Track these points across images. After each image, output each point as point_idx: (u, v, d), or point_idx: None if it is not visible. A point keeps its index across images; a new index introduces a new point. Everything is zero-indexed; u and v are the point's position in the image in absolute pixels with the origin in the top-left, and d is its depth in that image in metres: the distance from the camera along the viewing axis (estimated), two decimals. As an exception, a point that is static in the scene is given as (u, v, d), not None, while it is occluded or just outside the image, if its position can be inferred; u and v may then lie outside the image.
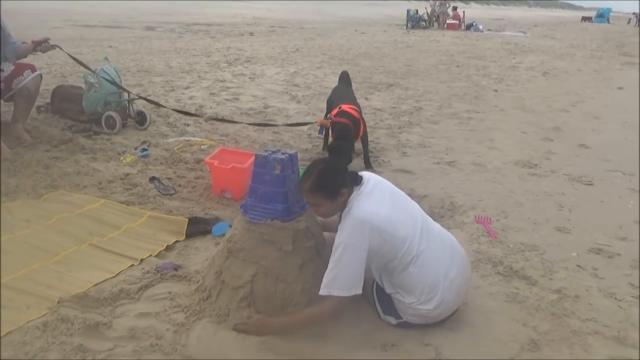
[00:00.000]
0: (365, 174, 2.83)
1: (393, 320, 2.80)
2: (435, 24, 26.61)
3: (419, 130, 6.69)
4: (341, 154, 4.33)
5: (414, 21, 25.35)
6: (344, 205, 2.68)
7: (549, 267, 3.50)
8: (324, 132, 4.96)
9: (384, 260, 2.66)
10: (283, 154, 2.86)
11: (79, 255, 3.27)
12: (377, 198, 2.68)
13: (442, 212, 4.39)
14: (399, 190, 2.88)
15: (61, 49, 5.23)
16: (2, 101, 5.09)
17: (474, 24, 25.83)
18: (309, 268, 2.81)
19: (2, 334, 2.56)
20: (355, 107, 4.81)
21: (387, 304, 2.80)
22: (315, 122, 4.73)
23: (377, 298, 2.86)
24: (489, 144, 6.25)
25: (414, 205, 2.88)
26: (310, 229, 2.88)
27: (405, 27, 24.91)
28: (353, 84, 6.16)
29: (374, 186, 2.73)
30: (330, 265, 2.56)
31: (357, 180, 2.74)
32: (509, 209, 4.39)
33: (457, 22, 26.17)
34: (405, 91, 9.06)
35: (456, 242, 2.96)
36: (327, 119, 4.54)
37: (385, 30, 22.69)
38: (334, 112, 4.63)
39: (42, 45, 5.10)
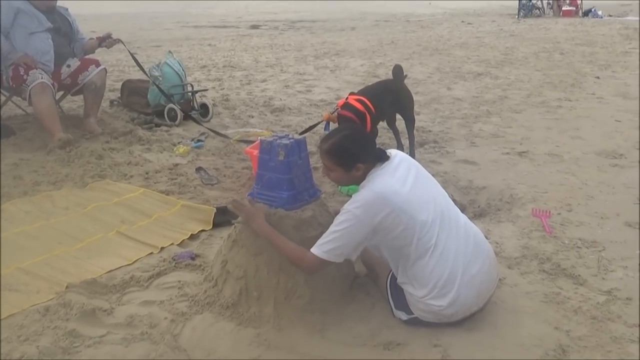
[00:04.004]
0: (393, 151, 2.66)
1: (404, 316, 2.59)
2: (551, 12, 25.19)
3: (496, 119, 6.27)
4: None
5: (527, 10, 24.14)
6: (362, 179, 2.55)
7: (605, 266, 3.12)
8: (329, 129, 4.28)
9: (398, 244, 2.47)
10: (289, 139, 2.73)
11: (103, 242, 3.30)
12: (401, 176, 2.51)
13: (499, 204, 4.06)
14: (427, 173, 2.69)
15: (123, 43, 5.37)
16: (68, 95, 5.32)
17: (593, 9, 24.14)
18: (314, 259, 2.66)
19: (4, 316, 2.60)
20: (362, 99, 4.19)
21: (399, 297, 2.60)
22: (323, 120, 4.30)
23: (390, 292, 2.66)
24: (573, 133, 5.73)
25: (440, 191, 2.67)
26: (316, 218, 2.73)
27: (517, 17, 23.80)
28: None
29: (399, 163, 2.56)
30: (330, 229, 2.45)
31: (383, 158, 2.57)
32: (576, 201, 3.98)
33: (574, 8, 24.60)
34: (494, 80, 8.57)
35: (483, 238, 2.70)
36: (333, 113, 4.17)
37: (494, 20, 21.75)
38: (340, 102, 4.26)
39: (106, 41, 5.27)
